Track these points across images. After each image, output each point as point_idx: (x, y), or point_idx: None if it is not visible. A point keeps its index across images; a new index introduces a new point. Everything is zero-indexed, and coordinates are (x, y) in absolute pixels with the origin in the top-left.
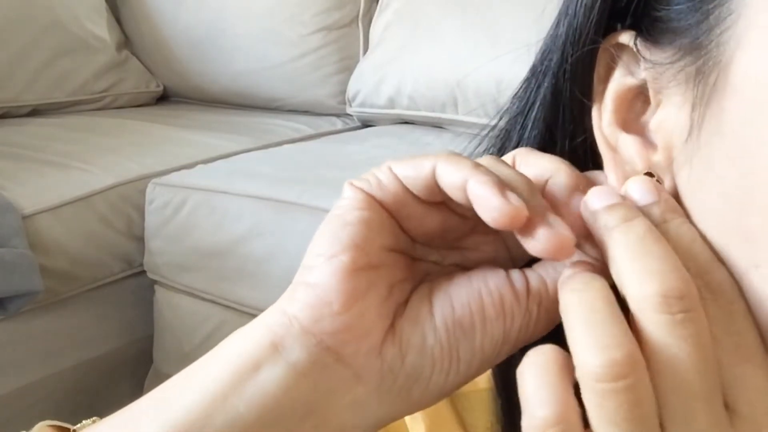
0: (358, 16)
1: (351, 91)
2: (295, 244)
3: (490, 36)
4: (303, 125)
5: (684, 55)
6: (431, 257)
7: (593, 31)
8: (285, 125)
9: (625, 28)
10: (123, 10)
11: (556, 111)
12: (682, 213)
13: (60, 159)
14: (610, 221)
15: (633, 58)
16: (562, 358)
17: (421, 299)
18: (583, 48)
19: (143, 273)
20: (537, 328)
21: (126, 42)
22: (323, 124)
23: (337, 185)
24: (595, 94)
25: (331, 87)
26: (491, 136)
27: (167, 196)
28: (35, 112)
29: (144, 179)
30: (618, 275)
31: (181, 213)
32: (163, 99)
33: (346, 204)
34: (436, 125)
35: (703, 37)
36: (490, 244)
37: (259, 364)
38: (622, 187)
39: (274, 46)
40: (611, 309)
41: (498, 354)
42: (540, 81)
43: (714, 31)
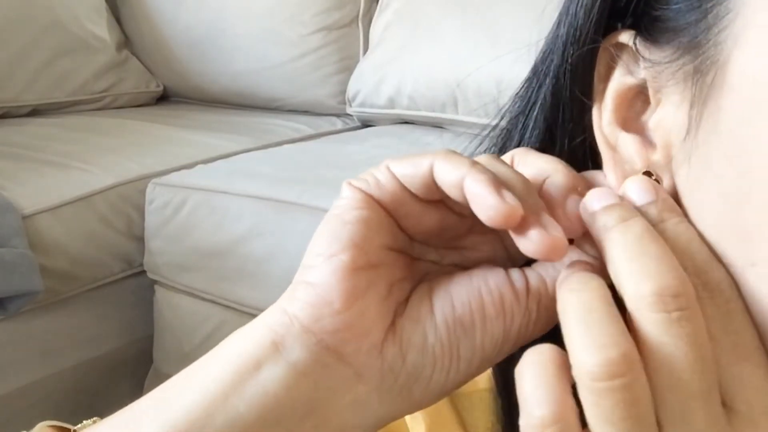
0: (358, 16)
1: (351, 91)
2: (295, 244)
3: (490, 36)
4: (303, 125)
5: (683, 54)
6: (430, 256)
7: (593, 31)
8: (285, 125)
9: (625, 27)
10: (123, 10)
11: (556, 111)
12: (680, 212)
13: (60, 159)
14: (608, 221)
15: (633, 57)
16: (560, 357)
17: (421, 298)
18: (584, 47)
19: (143, 273)
20: (537, 326)
21: (126, 42)
22: (323, 124)
23: (337, 185)
24: (596, 93)
25: (331, 87)
26: (492, 136)
27: (167, 196)
28: (35, 112)
29: (144, 179)
30: (615, 275)
31: (181, 213)
32: (163, 99)
33: (344, 204)
34: (436, 125)
35: (702, 36)
36: (488, 243)
37: (260, 363)
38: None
39: (274, 46)
40: (608, 308)
41: (498, 352)
42: (541, 81)
43: (712, 30)
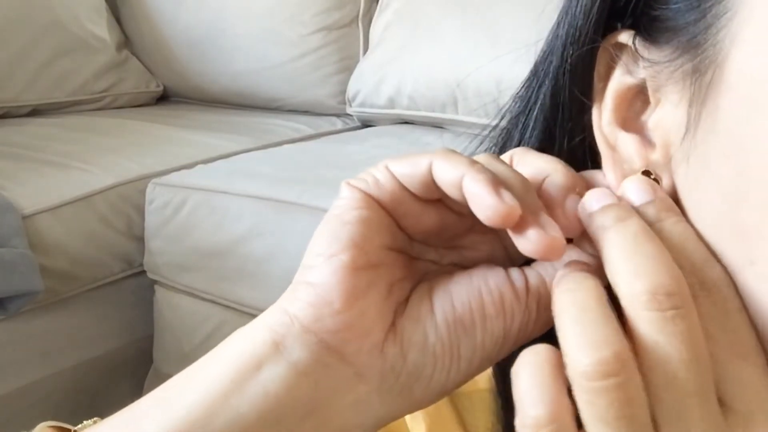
0: (358, 16)
1: (351, 91)
2: (295, 244)
3: (490, 36)
4: (303, 125)
5: (681, 54)
6: (429, 256)
7: (593, 31)
8: (285, 125)
9: (625, 27)
10: (123, 10)
11: (556, 110)
12: (677, 211)
13: (60, 159)
14: (605, 221)
15: (632, 57)
16: (555, 357)
17: (422, 298)
18: (583, 48)
19: (143, 273)
20: (537, 325)
21: (126, 42)
22: (323, 124)
23: (337, 185)
24: (596, 93)
25: (331, 87)
26: (492, 136)
27: (167, 196)
28: (35, 112)
29: (144, 179)
30: (611, 275)
31: (181, 213)
32: (163, 99)
33: (343, 204)
34: (436, 125)
35: (700, 36)
36: (487, 243)
37: (261, 363)
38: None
39: (274, 46)
40: (602, 308)
41: (499, 351)
42: (541, 81)
43: (711, 30)
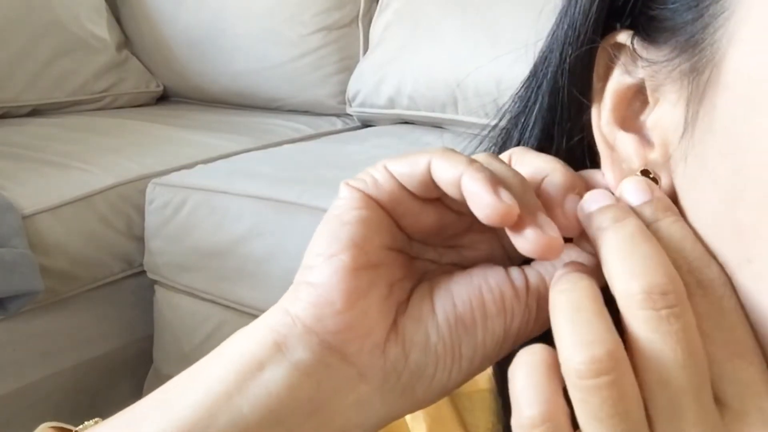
0: (358, 16)
1: (351, 91)
2: (295, 244)
3: (490, 36)
4: (303, 125)
5: (679, 53)
6: (428, 255)
7: (592, 31)
8: (285, 125)
9: (624, 27)
10: (123, 10)
11: (555, 110)
12: (675, 211)
13: (60, 159)
14: (602, 222)
15: (631, 57)
16: (551, 357)
17: (422, 297)
18: (582, 48)
19: (143, 273)
20: (537, 324)
21: (126, 42)
22: (323, 124)
23: (337, 185)
24: (595, 93)
25: (331, 87)
26: (492, 136)
27: (167, 196)
28: (35, 112)
29: (144, 179)
30: (608, 275)
31: (181, 213)
32: (163, 99)
33: (343, 204)
34: (436, 125)
35: (698, 35)
36: (486, 242)
37: (263, 363)
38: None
39: (274, 46)
40: (596, 307)
41: (499, 350)
42: (540, 81)
43: (708, 29)
